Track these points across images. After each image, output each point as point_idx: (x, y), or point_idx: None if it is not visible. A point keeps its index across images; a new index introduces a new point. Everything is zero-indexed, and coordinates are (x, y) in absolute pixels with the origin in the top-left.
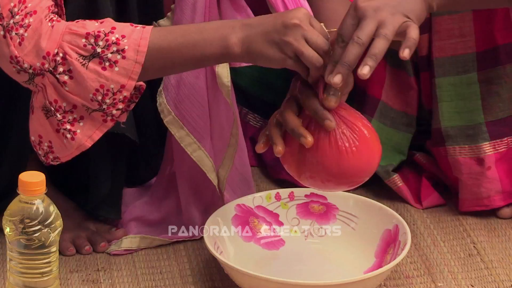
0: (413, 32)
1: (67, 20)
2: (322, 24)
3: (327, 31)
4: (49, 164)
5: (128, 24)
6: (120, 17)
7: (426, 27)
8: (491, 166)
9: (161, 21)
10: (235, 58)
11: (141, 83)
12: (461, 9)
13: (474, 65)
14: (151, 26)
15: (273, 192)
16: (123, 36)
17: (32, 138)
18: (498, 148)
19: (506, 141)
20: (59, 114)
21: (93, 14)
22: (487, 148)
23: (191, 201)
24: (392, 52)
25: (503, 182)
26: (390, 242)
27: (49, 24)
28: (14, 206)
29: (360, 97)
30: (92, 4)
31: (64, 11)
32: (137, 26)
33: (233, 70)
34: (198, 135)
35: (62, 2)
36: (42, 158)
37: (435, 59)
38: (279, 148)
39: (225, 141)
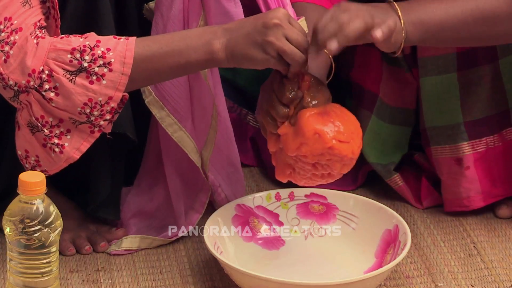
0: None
1: (66, 24)
2: (303, 18)
3: (306, 29)
4: None
5: (111, 36)
6: (119, 20)
7: None
8: (469, 166)
9: (151, 3)
10: (220, 63)
11: (125, 94)
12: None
13: (454, 65)
14: (134, 37)
15: (273, 192)
16: (108, 49)
17: (19, 152)
18: (477, 148)
19: (485, 141)
20: (46, 129)
21: (93, 17)
22: (466, 148)
23: (179, 186)
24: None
25: (482, 182)
26: (390, 242)
27: (35, 41)
28: (14, 206)
29: (358, 93)
30: (92, 7)
31: (59, 15)
32: (120, 38)
33: (232, 70)
34: (178, 116)
35: (57, 6)
36: (30, 171)
37: (419, 59)
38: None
39: (207, 123)
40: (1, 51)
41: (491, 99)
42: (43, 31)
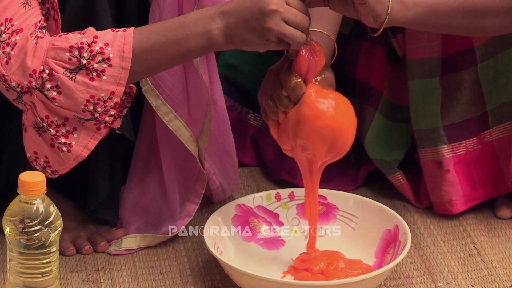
0: None
1: (65, 25)
2: None
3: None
4: (48, 178)
5: (109, 30)
6: (119, 21)
7: (401, 27)
8: (450, 169)
9: None
10: (220, 48)
11: (132, 86)
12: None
13: (439, 70)
14: (132, 29)
15: (273, 192)
16: (106, 44)
17: (28, 154)
18: (457, 151)
19: (464, 144)
20: (52, 129)
21: (91, 17)
22: (446, 151)
23: (175, 176)
24: (391, 48)
25: (463, 185)
26: (390, 242)
27: (34, 41)
28: (14, 206)
29: (363, 90)
30: (90, 8)
31: (60, 16)
32: (118, 31)
33: (233, 69)
34: (174, 105)
35: (57, 6)
36: (30, 171)
37: (408, 62)
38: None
39: (202, 111)
40: (3, 52)
41: (471, 103)
42: (43, 31)
